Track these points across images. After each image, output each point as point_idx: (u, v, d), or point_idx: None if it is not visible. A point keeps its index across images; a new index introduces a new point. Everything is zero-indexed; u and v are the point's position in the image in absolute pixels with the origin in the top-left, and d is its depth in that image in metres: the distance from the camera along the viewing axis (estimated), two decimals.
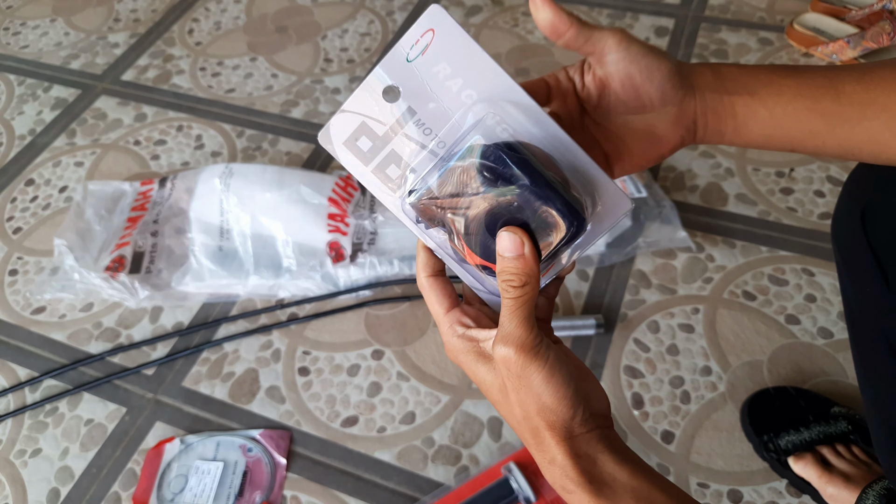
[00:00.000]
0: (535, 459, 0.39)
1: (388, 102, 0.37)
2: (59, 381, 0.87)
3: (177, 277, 0.93)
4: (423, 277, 0.41)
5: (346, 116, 0.38)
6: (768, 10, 1.27)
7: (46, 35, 1.39)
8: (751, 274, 0.90)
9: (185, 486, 0.77)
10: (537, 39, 1.26)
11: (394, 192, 0.39)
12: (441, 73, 0.37)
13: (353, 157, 0.38)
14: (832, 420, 0.74)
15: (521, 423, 0.38)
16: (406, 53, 0.36)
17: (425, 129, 0.38)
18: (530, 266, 0.35)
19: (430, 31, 0.36)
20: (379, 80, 0.37)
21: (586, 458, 0.37)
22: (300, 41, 1.32)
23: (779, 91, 0.42)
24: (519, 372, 0.36)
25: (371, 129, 0.38)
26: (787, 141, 0.43)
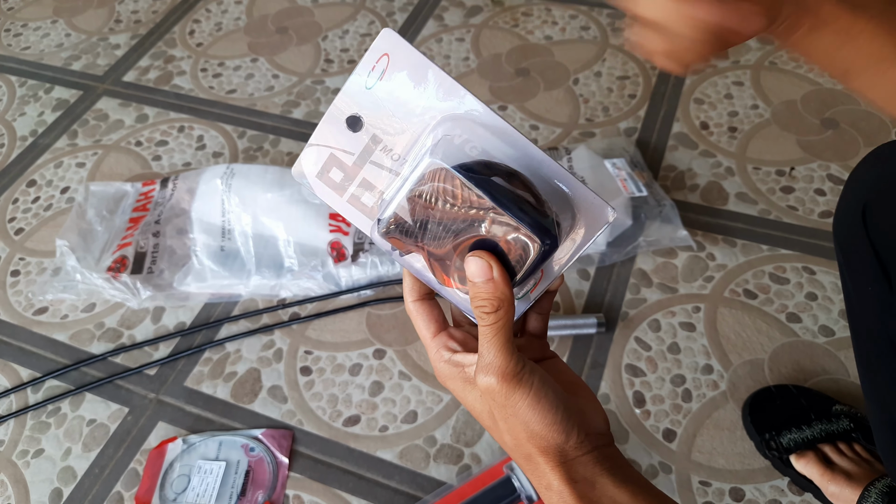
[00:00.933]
0: (532, 482, 0.38)
1: (353, 133, 0.37)
2: (62, 381, 0.88)
3: (179, 278, 0.93)
4: (410, 302, 0.40)
5: (314, 150, 0.37)
6: None
7: (48, 36, 1.39)
8: (751, 272, 0.90)
9: (187, 486, 0.77)
10: (537, 39, 1.27)
11: (371, 221, 0.38)
12: (402, 97, 0.36)
13: (327, 188, 0.38)
14: (834, 418, 0.74)
15: (514, 449, 0.38)
16: (364, 81, 0.36)
17: (393, 155, 0.37)
18: (501, 289, 0.34)
19: (385, 55, 0.35)
20: (340, 111, 0.36)
21: (584, 483, 0.36)
22: (301, 42, 1.32)
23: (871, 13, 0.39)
24: (503, 401, 0.35)
25: (340, 160, 0.37)
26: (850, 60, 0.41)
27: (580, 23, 1.29)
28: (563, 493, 0.36)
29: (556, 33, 1.27)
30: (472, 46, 1.27)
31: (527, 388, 0.35)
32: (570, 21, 1.30)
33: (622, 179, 0.97)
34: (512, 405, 0.35)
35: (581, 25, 1.28)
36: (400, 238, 0.36)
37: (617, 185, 0.96)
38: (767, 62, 1.18)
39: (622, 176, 0.97)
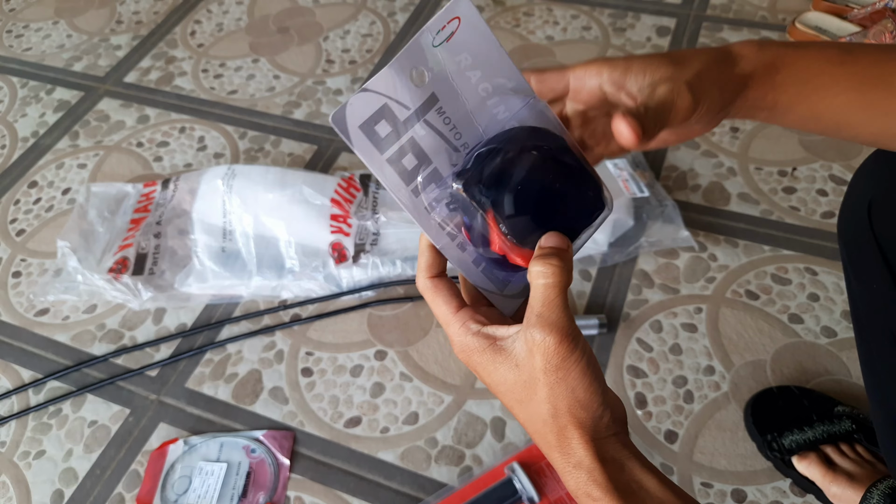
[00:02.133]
0: (556, 465, 0.37)
1: (416, 86, 0.35)
2: (63, 382, 0.88)
3: (180, 279, 0.93)
4: (426, 279, 0.39)
5: (368, 96, 0.34)
6: (770, 10, 1.27)
7: (49, 37, 1.39)
8: (753, 273, 0.90)
9: (188, 487, 0.77)
10: (539, 39, 1.26)
11: (407, 185, 0.36)
12: (463, 63, 0.36)
13: (367, 142, 0.35)
14: (836, 419, 0.73)
15: (548, 422, 0.36)
16: (432, 38, 0.35)
17: (445, 119, 0.37)
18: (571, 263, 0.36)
19: (457, 18, 0.35)
20: (407, 60, 0.35)
21: (613, 463, 0.35)
22: (302, 42, 1.32)
23: (829, 83, 0.40)
24: (559, 362, 0.35)
25: (393, 112, 0.35)
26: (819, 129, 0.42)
27: (581, 23, 1.29)
28: (594, 471, 0.35)
29: (557, 33, 1.27)
30: None
31: (581, 353, 0.35)
32: (571, 21, 1.29)
33: (624, 180, 0.97)
34: (566, 368, 0.35)
35: (582, 25, 1.28)
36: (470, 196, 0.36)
37: (619, 185, 0.96)
38: None
39: (624, 176, 0.97)
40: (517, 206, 0.36)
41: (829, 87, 0.40)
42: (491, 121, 0.37)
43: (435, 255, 0.39)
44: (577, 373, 0.35)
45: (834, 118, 0.41)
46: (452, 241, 0.39)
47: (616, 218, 0.92)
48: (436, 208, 0.37)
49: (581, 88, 0.41)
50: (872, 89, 0.40)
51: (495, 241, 0.37)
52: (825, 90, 0.40)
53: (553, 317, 0.35)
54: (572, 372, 0.35)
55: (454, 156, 0.37)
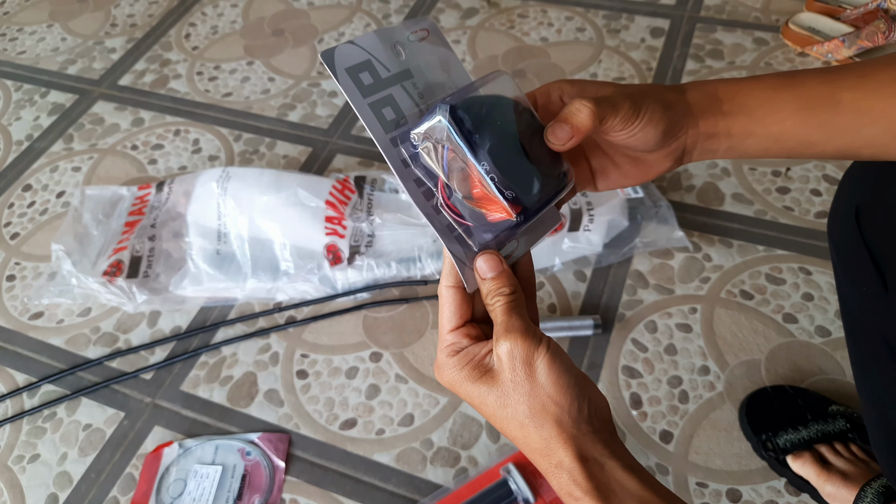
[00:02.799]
0: (540, 467, 0.38)
1: (395, 57, 0.39)
2: (58, 386, 0.87)
3: (175, 281, 0.93)
4: (445, 286, 0.41)
5: (354, 49, 0.38)
6: (763, 10, 1.27)
7: (43, 40, 1.39)
8: (748, 273, 0.90)
9: (183, 490, 0.77)
10: (533, 41, 1.27)
11: (385, 132, 0.38)
12: (431, 62, 0.41)
13: (352, 83, 0.37)
14: (830, 418, 0.74)
15: (525, 424, 0.38)
16: (407, 34, 0.40)
17: (419, 94, 0.40)
18: (511, 278, 0.40)
19: (426, 30, 0.40)
20: (390, 35, 0.39)
21: (594, 463, 0.36)
22: (297, 44, 1.32)
23: (777, 107, 0.41)
24: (524, 358, 0.37)
25: (375, 68, 0.38)
26: (784, 152, 0.43)
27: (576, 24, 1.29)
28: (574, 471, 0.36)
29: (551, 35, 1.28)
30: (469, 48, 1.27)
31: (544, 348, 0.38)
32: (565, 22, 1.30)
33: None
34: (531, 363, 0.37)
35: (577, 27, 1.28)
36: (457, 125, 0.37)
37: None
38: (763, 63, 1.18)
39: None
40: (499, 146, 0.37)
41: (779, 111, 0.41)
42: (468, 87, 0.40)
43: (453, 267, 0.41)
44: (544, 368, 0.37)
45: (793, 139, 0.42)
46: (428, 202, 0.39)
47: (611, 218, 0.92)
48: (415, 161, 0.39)
49: (547, 103, 0.43)
50: (822, 109, 0.41)
51: (475, 181, 0.37)
52: (775, 114, 0.41)
53: (510, 323, 0.38)
54: (539, 369, 0.37)
55: None
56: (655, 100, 0.40)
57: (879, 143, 0.41)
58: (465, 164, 0.37)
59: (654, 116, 0.40)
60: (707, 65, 1.18)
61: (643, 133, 0.40)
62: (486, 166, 0.36)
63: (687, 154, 0.44)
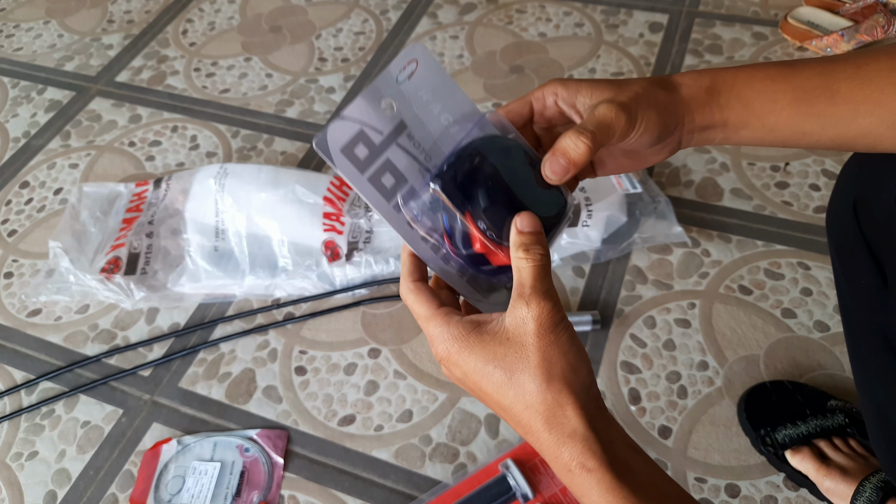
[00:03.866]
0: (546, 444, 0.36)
1: (386, 114, 0.39)
2: (56, 383, 0.87)
3: (173, 278, 0.92)
4: (411, 282, 0.41)
5: (345, 124, 0.38)
6: (762, 5, 1.27)
7: (40, 37, 1.39)
8: (746, 268, 0.90)
9: (182, 487, 0.77)
10: (531, 37, 1.26)
11: (388, 201, 0.40)
12: (424, 97, 0.41)
13: (349, 164, 0.38)
14: (829, 413, 0.74)
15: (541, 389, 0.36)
16: (396, 76, 0.39)
17: (415, 143, 0.40)
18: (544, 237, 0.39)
19: (414, 61, 0.40)
20: (378, 90, 0.39)
21: (605, 435, 0.36)
22: (294, 41, 1.32)
23: (773, 98, 0.42)
24: (553, 326, 0.36)
25: (368, 137, 0.39)
26: (779, 142, 0.43)
27: (574, 19, 1.29)
28: (589, 440, 0.35)
29: (550, 30, 1.27)
30: (467, 44, 1.26)
31: (567, 322, 0.37)
32: (564, 18, 1.29)
33: (617, 176, 0.97)
34: (557, 332, 0.36)
35: (575, 22, 1.28)
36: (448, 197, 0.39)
37: (612, 181, 0.96)
38: (762, 57, 1.17)
39: None
40: (491, 201, 0.39)
41: (775, 102, 0.42)
42: (454, 144, 0.42)
43: (415, 263, 0.41)
44: (568, 337, 0.36)
45: (788, 129, 0.42)
46: (436, 254, 0.41)
47: (609, 214, 0.92)
48: (418, 221, 0.40)
49: (543, 108, 0.44)
50: (818, 99, 0.41)
51: (476, 238, 0.39)
52: (770, 105, 0.42)
53: (543, 287, 0.37)
54: (563, 336, 0.36)
55: (427, 176, 0.41)
56: (650, 105, 0.40)
57: (874, 132, 0.41)
58: (465, 226, 0.39)
59: (649, 124, 0.40)
60: (706, 60, 1.18)
61: (639, 140, 0.41)
62: (483, 225, 0.39)
63: (683, 144, 0.44)
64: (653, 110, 0.40)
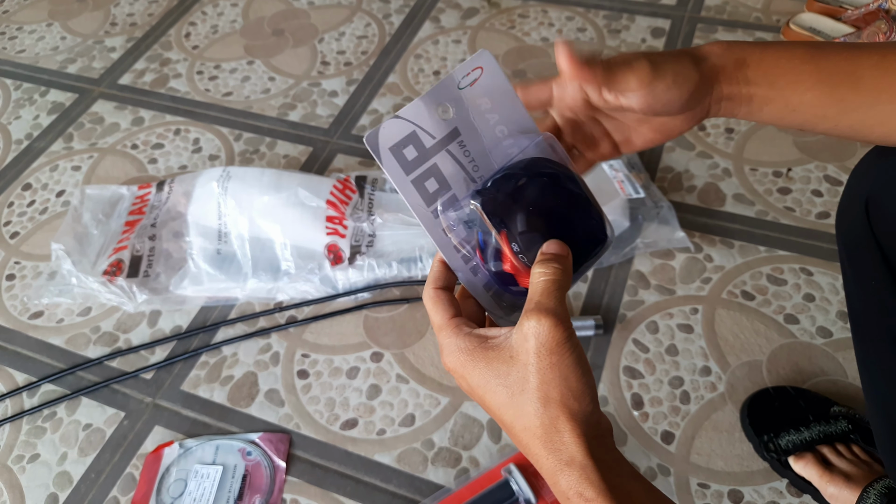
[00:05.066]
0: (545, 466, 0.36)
1: (442, 118, 0.40)
2: (58, 385, 0.87)
3: (175, 281, 0.92)
4: (432, 289, 0.41)
5: (399, 123, 0.38)
6: (764, 11, 1.27)
7: (43, 39, 1.39)
8: (749, 274, 0.90)
9: (184, 491, 0.77)
10: (534, 41, 1.26)
11: (427, 206, 0.40)
12: (483, 106, 0.41)
13: (395, 163, 0.39)
14: (832, 419, 0.74)
15: (538, 413, 0.35)
16: (458, 81, 0.40)
17: (465, 151, 0.40)
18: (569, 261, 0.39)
19: (479, 68, 0.40)
20: (437, 95, 0.39)
21: (604, 464, 0.35)
22: (297, 44, 1.32)
23: (798, 79, 0.42)
24: (553, 346, 0.35)
25: (420, 139, 0.39)
26: (797, 123, 0.44)
27: (576, 24, 1.29)
28: (587, 468, 0.34)
29: (552, 35, 1.27)
30: (469, 48, 1.26)
31: (574, 342, 0.36)
32: (566, 23, 1.30)
33: (619, 181, 0.97)
34: (559, 353, 0.35)
35: (577, 27, 1.28)
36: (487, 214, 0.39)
37: (614, 186, 0.96)
38: None
39: (619, 177, 0.97)
40: (529, 226, 0.39)
41: (799, 83, 0.42)
42: (505, 158, 0.42)
43: (444, 271, 0.41)
44: (571, 360, 0.35)
45: (809, 111, 0.43)
46: (466, 265, 0.41)
47: (612, 219, 0.92)
48: (454, 230, 0.40)
49: (564, 94, 0.43)
50: (841, 84, 0.42)
51: (507, 258, 0.39)
52: (795, 85, 0.42)
53: (550, 304, 0.36)
54: (566, 358, 0.35)
55: (472, 186, 0.41)
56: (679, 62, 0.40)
57: (892, 122, 0.42)
58: (498, 245, 0.39)
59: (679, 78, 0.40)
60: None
61: (669, 95, 0.40)
62: (517, 247, 0.39)
63: (709, 115, 0.44)
64: (684, 65, 0.40)
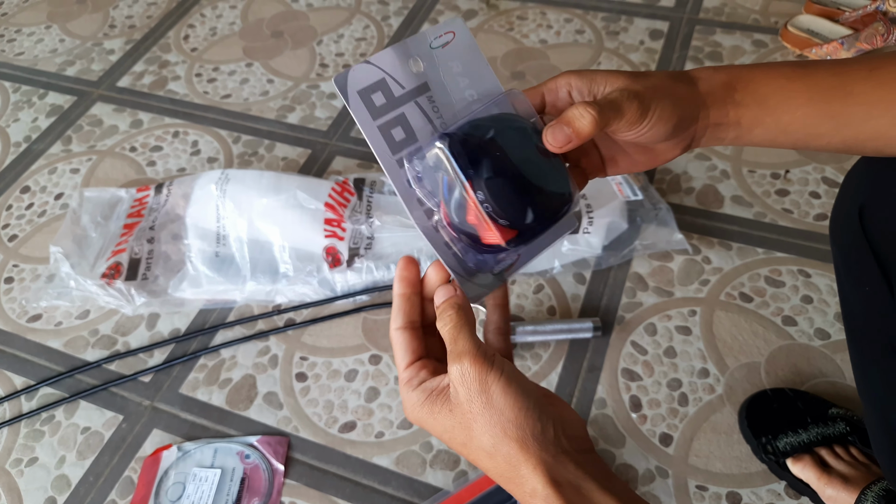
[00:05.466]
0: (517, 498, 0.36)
1: (413, 71, 0.40)
2: (56, 389, 0.87)
3: (173, 284, 0.92)
4: (394, 329, 0.41)
5: (369, 68, 0.38)
6: (762, 13, 1.27)
7: (42, 42, 1.39)
8: (747, 276, 0.90)
9: (182, 494, 0.77)
10: (532, 43, 1.27)
11: (393, 154, 0.39)
12: (454, 69, 0.41)
13: (363, 107, 0.38)
14: (830, 421, 0.74)
15: (493, 455, 0.36)
16: (430, 40, 0.40)
17: (434, 107, 0.40)
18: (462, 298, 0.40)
19: (452, 32, 0.41)
20: (407, 49, 0.39)
21: (569, 487, 0.34)
22: (296, 46, 1.32)
23: (788, 97, 0.41)
24: (478, 386, 0.35)
25: (389, 87, 0.39)
26: (790, 143, 0.43)
27: (575, 26, 1.29)
28: (549, 497, 0.34)
29: (551, 37, 1.28)
30: None
31: (498, 371, 0.36)
32: (564, 24, 1.30)
33: (618, 183, 0.97)
34: (486, 390, 0.35)
35: (576, 29, 1.29)
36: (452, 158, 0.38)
37: (612, 188, 0.96)
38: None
39: (618, 179, 0.97)
40: (494, 173, 0.38)
41: (789, 101, 0.41)
42: None
43: (402, 307, 0.41)
44: (499, 392, 0.35)
45: (801, 130, 0.42)
46: (429, 220, 0.40)
47: (610, 221, 0.92)
48: (419, 181, 0.40)
49: (556, 100, 0.43)
50: (833, 100, 0.41)
51: (471, 208, 0.38)
52: (786, 104, 0.41)
53: (459, 347, 0.37)
54: (494, 393, 0.35)
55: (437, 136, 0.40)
56: (665, 96, 0.40)
57: (886, 134, 0.41)
58: (462, 194, 0.38)
59: (663, 114, 0.40)
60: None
61: (653, 131, 0.40)
62: (482, 196, 0.37)
63: (696, 141, 0.43)
64: (668, 101, 0.40)
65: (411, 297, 0.41)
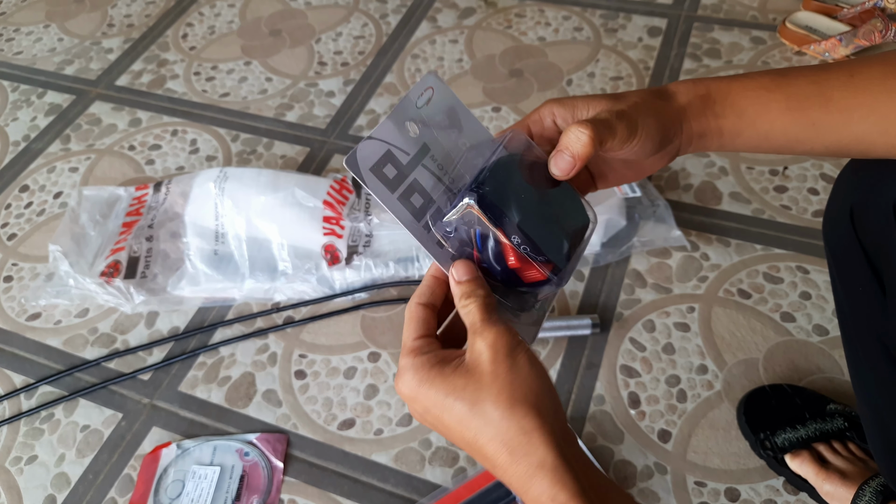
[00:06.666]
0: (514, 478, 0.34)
1: (411, 136, 0.40)
2: (55, 387, 0.87)
3: (172, 282, 0.92)
4: (415, 304, 0.41)
5: (373, 143, 0.39)
6: (760, 9, 1.27)
7: (40, 41, 1.39)
8: (745, 272, 0.90)
9: (181, 491, 0.77)
10: (531, 41, 1.27)
11: (418, 221, 0.40)
12: (442, 123, 0.42)
13: (379, 183, 0.39)
14: (828, 417, 0.74)
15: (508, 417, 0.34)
16: (415, 101, 0.41)
17: (439, 165, 0.42)
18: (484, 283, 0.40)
19: (430, 88, 0.41)
20: (400, 114, 0.40)
21: (577, 464, 0.34)
22: (294, 44, 1.32)
23: (767, 107, 0.42)
24: (508, 351, 0.36)
25: (396, 157, 0.40)
26: (774, 149, 0.44)
27: (573, 24, 1.29)
28: (559, 470, 0.33)
29: (549, 34, 1.28)
30: (466, 48, 1.27)
31: (525, 346, 0.37)
32: (563, 22, 1.30)
33: None
34: (514, 356, 0.36)
35: (574, 26, 1.28)
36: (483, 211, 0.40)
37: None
38: (760, 61, 1.18)
39: None
40: (524, 216, 0.39)
41: (768, 111, 0.42)
42: (473, 169, 0.43)
43: (431, 287, 0.41)
44: (526, 360, 0.36)
45: (782, 138, 0.43)
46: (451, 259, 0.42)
47: (608, 218, 0.92)
48: (449, 238, 0.41)
49: (542, 130, 0.44)
50: (811, 108, 0.42)
51: (509, 252, 0.40)
52: (765, 115, 0.42)
53: (491, 320, 0.38)
54: (522, 360, 0.36)
55: (458, 194, 0.41)
56: (648, 113, 0.41)
57: (867, 139, 0.42)
58: (498, 241, 0.40)
59: (649, 131, 0.41)
60: (704, 64, 1.18)
61: (640, 148, 0.41)
62: (517, 240, 0.39)
63: (681, 151, 0.44)
64: (652, 118, 0.41)
65: (443, 284, 0.42)
